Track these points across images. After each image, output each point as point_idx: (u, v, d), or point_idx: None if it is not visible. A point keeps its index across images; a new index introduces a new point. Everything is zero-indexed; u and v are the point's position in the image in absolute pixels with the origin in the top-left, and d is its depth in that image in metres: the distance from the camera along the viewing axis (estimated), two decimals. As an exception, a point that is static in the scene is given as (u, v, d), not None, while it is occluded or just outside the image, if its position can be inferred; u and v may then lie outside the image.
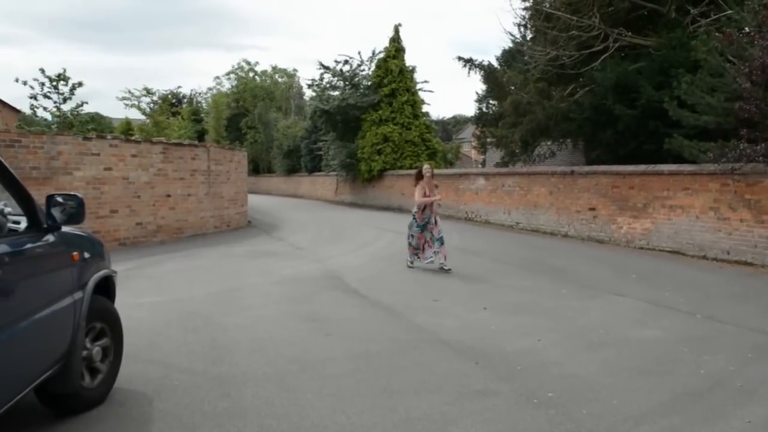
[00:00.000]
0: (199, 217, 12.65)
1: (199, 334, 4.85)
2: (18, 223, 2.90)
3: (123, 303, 4.10)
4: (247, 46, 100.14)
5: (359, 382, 3.76)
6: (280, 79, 45.56)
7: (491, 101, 19.34)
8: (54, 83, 15.28)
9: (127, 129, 27.49)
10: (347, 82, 23.45)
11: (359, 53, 31.83)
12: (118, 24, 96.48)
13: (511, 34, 19.89)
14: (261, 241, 11.73)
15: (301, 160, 31.62)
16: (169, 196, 11.66)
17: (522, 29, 15.86)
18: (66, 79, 15.37)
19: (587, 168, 12.23)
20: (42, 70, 15.08)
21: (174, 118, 33.66)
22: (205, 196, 12.81)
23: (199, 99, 45.38)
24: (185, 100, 43.64)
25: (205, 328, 5.05)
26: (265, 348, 4.46)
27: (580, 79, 13.34)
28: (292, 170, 33.65)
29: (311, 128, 29.18)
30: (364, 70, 23.64)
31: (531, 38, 15.26)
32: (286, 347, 4.50)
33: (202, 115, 40.18)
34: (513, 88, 15.65)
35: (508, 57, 17.72)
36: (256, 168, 37.91)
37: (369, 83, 23.22)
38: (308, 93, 39.56)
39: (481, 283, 7.16)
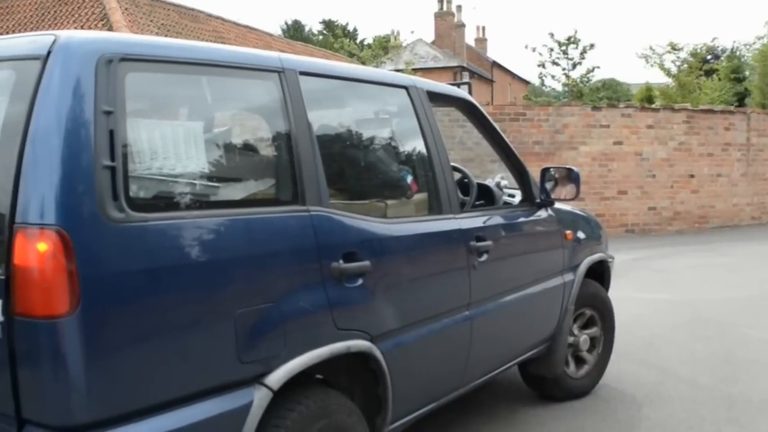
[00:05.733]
0: (731, 204, 11.96)
1: (711, 344, 4.73)
2: (513, 196, 3.46)
3: (620, 295, 4.37)
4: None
5: None
6: None
7: None
8: (563, 48, 16.30)
9: (647, 95, 27.60)
10: None
11: None
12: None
13: None
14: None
15: None
16: (692, 176, 11.45)
17: None
18: (576, 42, 16.20)
19: None
20: (551, 35, 16.26)
21: (707, 78, 31.73)
22: (741, 177, 12.02)
23: (744, 52, 41.17)
24: (723, 55, 40.48)
25: (720, 337, 4.90)
26: (799, 375, 3.99)
27: None
28: None
29: None
30: None
31: None
32: (830, 381, 3.92)
33: (747, 72, 36.33)
34: None
35: None
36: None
37: None
38: None
39: None
